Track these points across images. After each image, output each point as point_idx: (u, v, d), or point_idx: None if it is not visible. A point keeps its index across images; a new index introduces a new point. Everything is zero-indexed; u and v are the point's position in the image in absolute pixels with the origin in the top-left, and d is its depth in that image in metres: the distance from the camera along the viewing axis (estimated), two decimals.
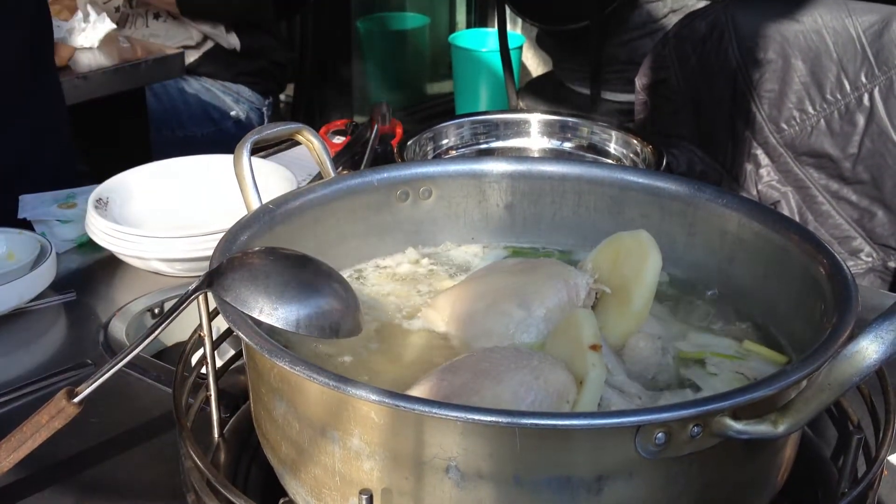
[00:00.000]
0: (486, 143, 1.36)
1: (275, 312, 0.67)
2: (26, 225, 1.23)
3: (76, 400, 0.70)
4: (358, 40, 3.65)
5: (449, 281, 0.86)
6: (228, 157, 0.97)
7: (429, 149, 1.30)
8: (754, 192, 1.86)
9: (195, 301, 0.71)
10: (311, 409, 0.62)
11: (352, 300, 0.72)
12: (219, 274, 0.68)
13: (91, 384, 0.70)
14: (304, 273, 0.70)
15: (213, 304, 0.69)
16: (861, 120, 1.71)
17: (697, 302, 0.82)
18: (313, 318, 0.68)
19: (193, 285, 0.69)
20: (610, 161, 1.32)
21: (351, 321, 0.71)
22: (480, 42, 3.48)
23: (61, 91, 1.65)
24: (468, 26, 3.93)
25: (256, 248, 0.72)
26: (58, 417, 0.70)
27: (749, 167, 1.87)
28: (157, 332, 0.70)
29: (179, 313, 0.69)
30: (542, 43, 3.44)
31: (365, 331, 0.74)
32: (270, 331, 0.66)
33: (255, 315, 0.66)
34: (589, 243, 0.87)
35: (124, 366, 0.69)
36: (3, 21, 1.46)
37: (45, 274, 1.07)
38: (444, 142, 1.36)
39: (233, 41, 2.59)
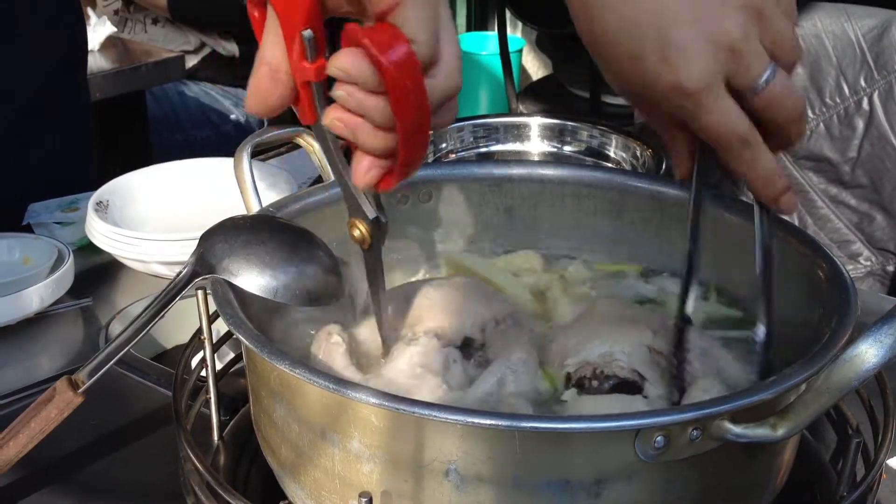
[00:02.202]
0: (486, 146, 1.36)
1: (275, 281, 0.68)
2: (27, 230, 1.23)
3: (80, 391, 0.70)
4: None
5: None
6: (228, 161, 0.97)
7: (428, 152, 1.30)
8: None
9: (195, 304, 0.71)
10: (310, 411, 0.62)
11: (334, 266, 0.72)
12: (209, 241, 0.69)
13: (91, 368, 0.70)
14: (287, 240, 0.71)
15: (213, 307, 0.70)
16: (860, 124, 1.71)
17: (696, 303, 0.82)
18: (302, 284, 0.69)
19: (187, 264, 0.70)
20: (610, 165, 1.32)
21: (332, 287, 0.71)
22: (480, 45, 3.47)
23: (90, 107, 1.59)
24: (468, 29, 3.93)
25: (240, 216, 0.73)
26: (66, 409, 0.70)
27: None
28: (155, 321, 0.70)
29: (179, 299, 0.69)
30: (543, 46, 3.43)
31: (366, 331, 0.74)
32: (270, 333, 0.66)
33: (255, 291, 0.67)
34: (589, 247, 0.87)
35: (124, 368, 0.69)
36: (40, 28, 1.39)
37: (66, 278, 1.06)
38: (444, 145, 1.36)
39: (231, 48, 2.58)
